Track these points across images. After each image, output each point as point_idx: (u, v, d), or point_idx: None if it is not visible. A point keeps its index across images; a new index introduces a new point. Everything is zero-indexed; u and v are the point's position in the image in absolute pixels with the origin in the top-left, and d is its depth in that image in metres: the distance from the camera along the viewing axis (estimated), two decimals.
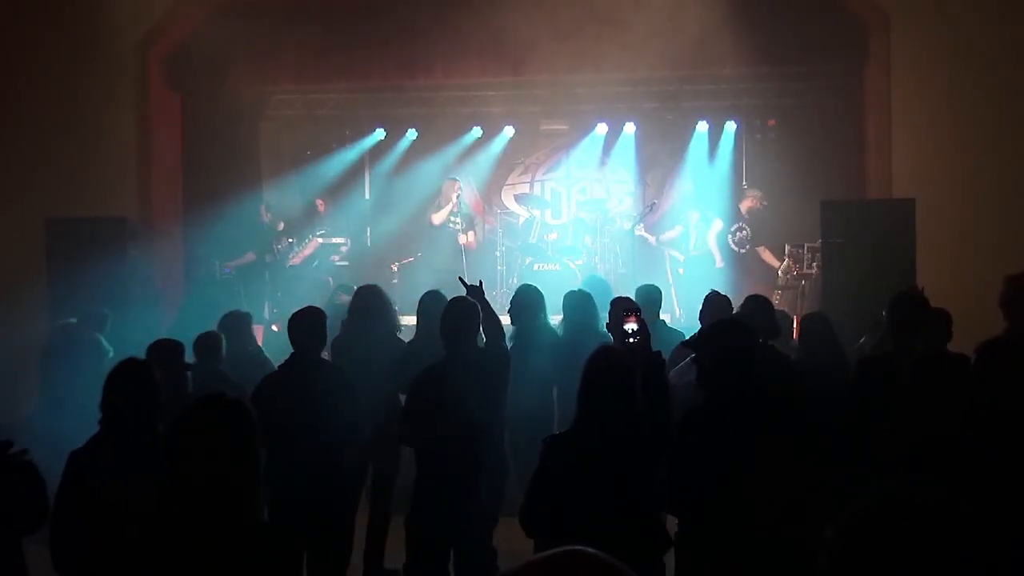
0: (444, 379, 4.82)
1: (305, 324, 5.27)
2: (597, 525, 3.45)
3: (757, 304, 5.59)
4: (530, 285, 6.51)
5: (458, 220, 11.01)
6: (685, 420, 3.82)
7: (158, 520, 2.59)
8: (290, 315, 5.42)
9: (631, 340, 3.95)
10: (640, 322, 3.96)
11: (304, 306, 5.48)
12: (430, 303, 5.98)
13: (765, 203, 10.70)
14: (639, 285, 6.80)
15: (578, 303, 6.25)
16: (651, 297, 6.48)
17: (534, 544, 3.88)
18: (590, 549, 1.41)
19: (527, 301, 6.21)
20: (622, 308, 4.41)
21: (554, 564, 1.38)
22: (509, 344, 6.05)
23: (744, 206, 10.84)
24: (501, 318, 5.34)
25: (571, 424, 3.86)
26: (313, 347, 5.28)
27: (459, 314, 5.01)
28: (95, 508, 3.64)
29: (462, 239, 10.99)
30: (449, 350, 4.97)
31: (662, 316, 6.65)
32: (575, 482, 3.66)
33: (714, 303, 5.90)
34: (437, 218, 11.03)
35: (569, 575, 1.37)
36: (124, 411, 3.86)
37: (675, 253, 11.13)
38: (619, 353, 3.89)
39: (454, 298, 5.25)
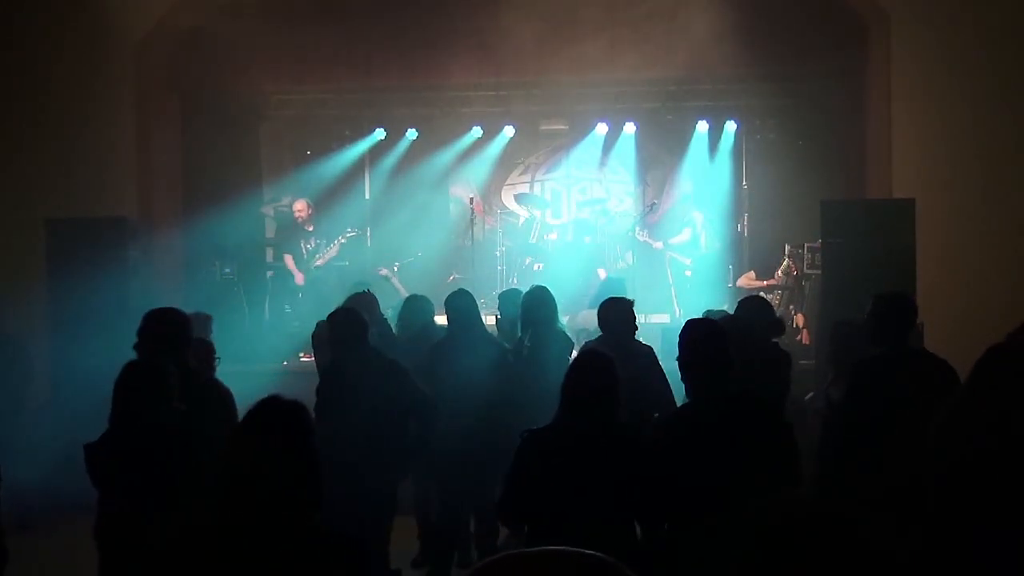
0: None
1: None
2: (570, 520, 3.50)
3: (755, 304, 5.60)
4: (543, 287, 6.19)
5: None
6: (664, 424, 3.85)
7: (215, 526, 2.49)
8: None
9: None
10: None
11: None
12: (455, 300, 6.00)
13: (795, 273, 10.04)
14: (527, 291, 6.31)
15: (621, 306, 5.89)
16: (541, 300, 6.01)
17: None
18: (573, 549, 1.40)
19: (543, 304, 6.00)
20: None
21: (531, 561, 1.38)
22: (523, 348, 5.94)
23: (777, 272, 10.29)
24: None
25: (551, 419, 3.88)
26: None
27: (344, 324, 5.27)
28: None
29: None
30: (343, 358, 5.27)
31: (662, 316, 6.62)
32: (549, 476, 3.70)
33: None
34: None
35: (545, 573, 1.37)
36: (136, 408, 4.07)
37: (680, 258, 11.02)
38: (605, 355, 3.94)
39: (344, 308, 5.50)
